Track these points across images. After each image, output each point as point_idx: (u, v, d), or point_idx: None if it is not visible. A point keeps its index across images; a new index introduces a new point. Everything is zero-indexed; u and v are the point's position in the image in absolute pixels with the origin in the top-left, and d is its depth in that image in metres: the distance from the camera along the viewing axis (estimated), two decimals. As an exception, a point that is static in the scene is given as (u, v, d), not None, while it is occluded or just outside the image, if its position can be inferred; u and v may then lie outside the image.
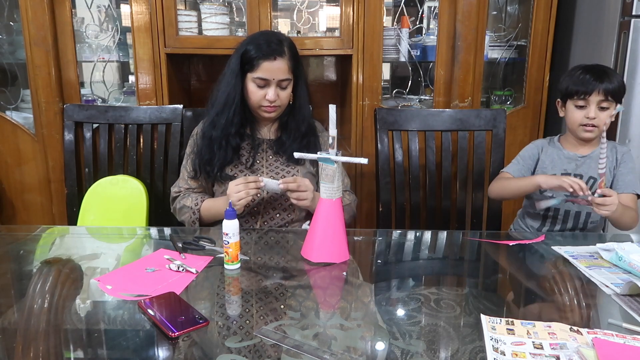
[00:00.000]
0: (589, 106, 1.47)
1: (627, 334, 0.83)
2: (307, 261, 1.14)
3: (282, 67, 1.43)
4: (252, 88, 1.45)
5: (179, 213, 1.51)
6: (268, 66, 1.42)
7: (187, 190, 1.52)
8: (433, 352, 0.79)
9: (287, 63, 1.44)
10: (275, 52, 1.42)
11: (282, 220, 1.49)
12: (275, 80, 1.43)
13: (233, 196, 1.32)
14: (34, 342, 0.82)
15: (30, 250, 1.26)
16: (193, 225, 1.46)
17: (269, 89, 1.44)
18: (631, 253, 1.07)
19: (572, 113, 1.51)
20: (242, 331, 0.85)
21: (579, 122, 1.50)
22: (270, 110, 1.47)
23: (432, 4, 2.28)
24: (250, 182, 1.34)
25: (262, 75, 1.42)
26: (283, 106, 1.50)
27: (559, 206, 1.54)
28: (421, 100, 2.25)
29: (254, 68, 1.43)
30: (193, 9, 2.14)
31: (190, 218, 1.46)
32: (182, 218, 1.50)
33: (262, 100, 1.45)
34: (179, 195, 1.52)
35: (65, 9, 1.99)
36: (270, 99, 1.44)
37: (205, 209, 1.46)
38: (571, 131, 1.56)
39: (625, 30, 1.81)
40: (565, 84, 1.52)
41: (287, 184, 1.34)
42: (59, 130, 2.03)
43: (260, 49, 1.42)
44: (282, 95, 1.46)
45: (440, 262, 1.21)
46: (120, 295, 0.98)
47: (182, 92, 2.30)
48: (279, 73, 1.43)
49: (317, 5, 2.27)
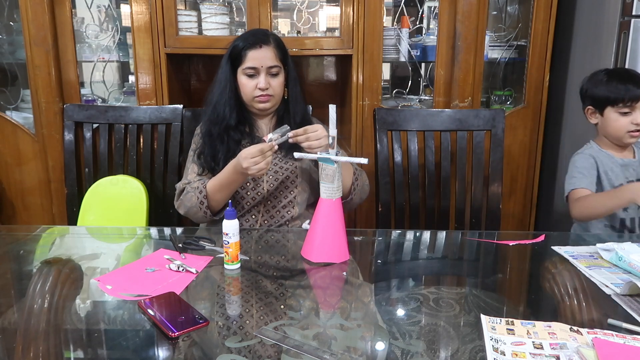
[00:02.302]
0: (634, 112, 1.49)
1: (627, 334, 0.83)
2: (307, 261, 1.14)
3: (269, 54, 1.46)
4: (244, 80, 1.47)
5: (184, 200, 1.45)
6: (255, 54, 1.45)
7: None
8: (433, 352, 0.79)
9: (273, 51, 1.47)
10: (260, 41, 1.46)
11: (282, 219, 1.49)
12: (264, 68, 1.45)
13: (252, 169, 1.29)
14: (34, 342, 0.82)
15: (30, 250, 1.26)
16: (201, 206, 1.41)
17: (259, 78, 1.46)
18: (631, 253, 1.07)
19: (616, 121, 1.52)
20: (242, 331, 0.85)
21: (625, 128, 1.50)
22: (264, 99, 1.48)
23: (432, 4, 2.28)
24: (266, 150, 1.30)
25: (250, 64, 1.45)
26: (277, 96, 1.50)
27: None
28: (421, 101, 2.25)
29: (242, 60, 1.46)
30: (193, 9, 2.14)
31: (197, 199, 1.42)
32: (188, 204, 1.44)
33: (254, 90, 1.46)
34: (186, 187, 1.47)
35: (65, 9, 1.98)
36: (261, 86, 1.45)
37: (211, 183, 1.42)
38: (614, 137, 1.55)
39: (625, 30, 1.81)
40: (602, 92, 1.52)
41: (296, 137, 1.31)
42: (59, 130, 2.03)
43: (246, 40, 1.46)
44: (273, 84, 1.47)
45: (440, 262, 1.21)
46: (120, 295, 0.98)
47: (182, 92, 2.30)
48: (267, 60, 1.45)
49: (317, 5, 2.27)
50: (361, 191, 1.51)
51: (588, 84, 1.58)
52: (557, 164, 2.25)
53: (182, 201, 1.47)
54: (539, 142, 2.18)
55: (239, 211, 1.49)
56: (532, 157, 2.19)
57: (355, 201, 1.51)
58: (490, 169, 1.76)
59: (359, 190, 1.50)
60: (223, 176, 1.40)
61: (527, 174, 2.20)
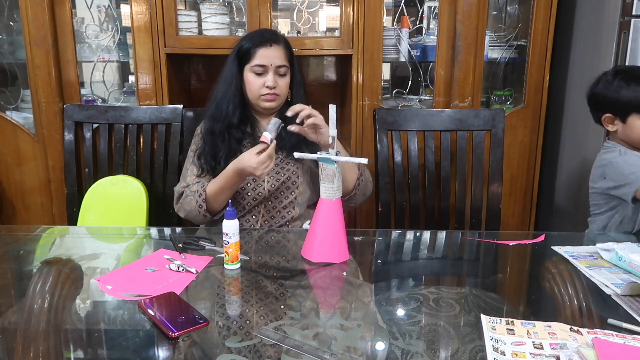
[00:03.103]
0: None
1: (627, 334, 0.83)
2: (307, 261, 1.14)
3: (279, 54, 1.46)
4: (251, 78, 1.47)
5: (183, 204, 1.46)
6: (264, 52, 1.45)
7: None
8: (433, 352, 0.79)
9: (282, 51, 1.47)
10: (271, 40, 1.46)
11: (283, 219, 1.49)
12: (273, 67, 1.45)
13: (259, 169, 1.30)
14: (34, 342, 0.82)
15: (30, 250, 1.26)
16: (200, 210, 1.42)
17: (267, 76, 1.45)
18: (631, 253, 1.07)
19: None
20: (242, 331, 0.85)
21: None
22: (270, 98, 1.47)
23: (432, 4, 2.28)
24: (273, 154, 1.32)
25: (259, 62, 1.45)
26: (282, 96, 1.50)
27: None
28: (421, 100, 2.25)
29: (250, 57, 1.45)
30: (193, 9, 2.14)
31: (196, 202, 1.42)
32: (187, 208, 1.44)
33: (261, 88, 1.46)
34: (185, 191, 1.47)
35: (65, 9, 1.98)
36: (269, 84, 1.45)
37: (210, 186, 1.42)
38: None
39: (625, 30, 1.81)
40: (624, 97, 1.41)
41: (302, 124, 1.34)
42: (59, 130, 2.03)
43: (255, 39, 1.46)
44: (280, 83, 1.47)
45: (440, 262, 1.21)
46: (120, 295, 0.98)
47: (182, 92, 2.30)
48: (276, 59, 1.45)
49: (317, 5, 2.27)
50: (365, 187, 1.51)
51: (601, 89, 1.46)
52: (557, 164, 2.25)
53: (181, 204, 1.47)
54: (539, 142, 2.18)
55: (240, 211, 1.49)
56: (532, 157, 2.19)
57: (358, 197, 1.50)
58: (490, 169, 1.76)
59: (363, 186, 1.49)
60: (223, 179, 1.40)
61: (527, 174, 2.20)
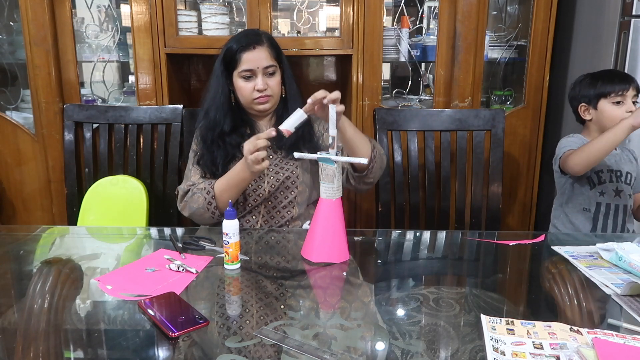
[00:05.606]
0: (626, 101, 1.56)
1: (627, 334, 0.83)
2: (307, 261, 1.14)
3: (263, 55, 1.45)
4: (241, 84, 1.46)
5: (189, 202, 1.44)
6: (249, 56, 1.44)
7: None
8: (433, 352, 0.79)
9: (267, 51, 1.46)
10: (253, 42, 1.45)
11: (283, 219, 1.49)
12: (260, 69, 1.45)
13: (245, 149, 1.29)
14: (34, 342, 0.82)
15: (30, 250, 1.26)
16: (209, 207, 1.41)
17: (256, 80, 1.45)
18: (631, 253, 1.07)
19: (611, 111, 1.58)
20: (242, 331, 0.85)
21: (620, 117, 1.54)
22: (263, 100, 1.47)
23: (432, 4, 2.28)
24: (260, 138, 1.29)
25: (246, 67, 1.44)
26: (275, 96, 1.50)
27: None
28: (421, 101, 2.25)
29: (237, 63, 1.45)
30: (193, 9, 2.14)
31: (205, 200, 1.41)
32: (194, 206, 1.43)
33: (252, 92, 1.46)
34: (191, 189, 1.46)
35: (65, 9, 1.99)
36: (259, 88, 1.45)
37: (219, 182, 1.41)
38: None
39: (625, 30, 1.81)
40: (594, 87, 1.60)
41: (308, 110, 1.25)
42: (59, 130, 2.03)
43: (239, 43, 1.45)
44: (271, 84, 1.47)
45: (440, 262, 1.21)
46: (120, 295, 0.98)
47: (182, 92, 2.30)
48: (262, 61, 1.45)
49: (317, 5, 2.27)
50: (380, 160, 1.45)
51: (578, 87, 1.67)
52: (557, 164, 2.25)
53: (187, 202, 1.45)
54: (539, 142, 2.18)
55: (240, 212, 1.49)
56: (532, 157, 2.19)
57: (376, 171, 1.44)
58: (490, 169, 1.76)
59: (379, 158, 1.43)
60: (232, 175, 1.40)
61: (527, 174, 2.20)
